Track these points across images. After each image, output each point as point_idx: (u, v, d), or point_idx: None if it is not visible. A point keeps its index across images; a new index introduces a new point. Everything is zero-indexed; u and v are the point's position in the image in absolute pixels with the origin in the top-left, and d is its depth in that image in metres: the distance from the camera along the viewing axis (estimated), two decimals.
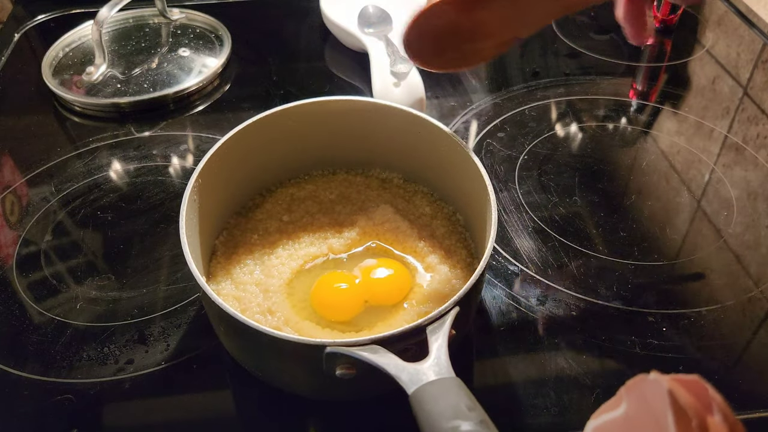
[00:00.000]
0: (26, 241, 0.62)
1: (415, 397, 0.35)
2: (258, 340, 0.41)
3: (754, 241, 0.61)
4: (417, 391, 0.35)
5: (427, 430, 0.33)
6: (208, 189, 0.50)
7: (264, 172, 0.59)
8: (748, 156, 0.71)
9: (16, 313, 0.55)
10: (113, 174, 0.70)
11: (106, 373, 0.50)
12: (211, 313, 0.47)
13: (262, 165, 0.58)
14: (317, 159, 0.61)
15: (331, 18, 0.86)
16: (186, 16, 0.93)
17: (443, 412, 0.33)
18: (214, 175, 0.51)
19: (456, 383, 0.36)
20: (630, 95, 0.82)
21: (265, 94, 0.82)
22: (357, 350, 0.38)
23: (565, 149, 0.73)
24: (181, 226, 0.45)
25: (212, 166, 0.51)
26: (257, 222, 0.57)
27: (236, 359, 0.49)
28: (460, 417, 0.32)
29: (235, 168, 0.54)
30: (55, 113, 0.80)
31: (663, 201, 0.66)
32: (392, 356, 0.37)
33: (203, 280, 0.43)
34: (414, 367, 0.37)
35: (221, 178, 0.53)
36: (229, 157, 0.53)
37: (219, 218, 0.56)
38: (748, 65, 0.84)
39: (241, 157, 0.54)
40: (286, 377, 0.47)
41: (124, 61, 0.85)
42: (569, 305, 0.55)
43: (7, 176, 0.70)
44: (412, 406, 0.35)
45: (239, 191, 0.58)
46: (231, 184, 0.55)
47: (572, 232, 0.62)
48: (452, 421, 0.32)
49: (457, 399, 0.34)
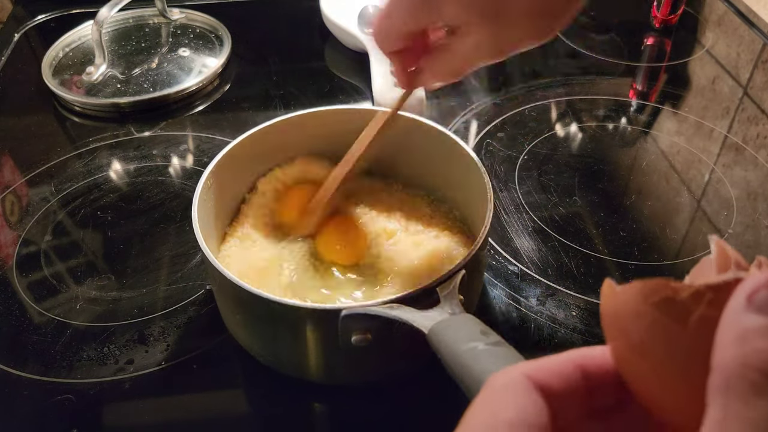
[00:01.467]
0: (26, 241, 0.62)
1: (432, 332, 0.36)
2: (274, 313, 0.43)
3: (754, 241, 0.61)
4: (433, 327, 0.37)
5: (447, 357, 0.34)
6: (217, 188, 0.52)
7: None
8: (748, 156, 0.71)
9: (16, 313, 0.55)
10: (113, 174, 0.70)
11: (106, 373, 0.50)
12: (224, 297, 0.48)
13: (264, 171, 0.59)
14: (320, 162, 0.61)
15: (331, 18, 0.86)
16: (186, 16, 0.93)
17: (460, 339, 0.34)
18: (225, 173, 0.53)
19: (469, 317, 0.37)
20: (630, 95, 0.82)
21: (265, 94, 0.82)
22: (372, 308, 0.39)
23: (565, 149, 0.73)
24: (193, 210, 0.47)
25: (223, 166, 0.52)
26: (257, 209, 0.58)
27: (246, 347, 0.49)
28: (475, 340, 0.33)
29: (241, 172, 0.56)
30: (55, 113, 0.80)
31: (663, 201, 0.66)
32: (407, 308, 0.39)
33: (217, 263, 0.44)
34: (428, 312, 0.39)
35: (230, 178, 0.54)
36: (238, 159, 0.54)
37: (230, 209, 0.57)
38: (748, 65, 0.84)
39: (247, 160, 0.55)
40: (297, 357, 0.47)
41: (124, 61, 0.85)
42: (569, 305, 0.55)
43: (7, 176, 0.70)
44: (430, 341, 0.36)
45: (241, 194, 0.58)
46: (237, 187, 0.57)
47: (572, 232, 0.62)
48: (469, 343, 0.33)
49: (471, 327, 0.35)
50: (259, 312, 0.44)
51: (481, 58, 0.40)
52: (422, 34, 0.41)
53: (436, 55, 0.42)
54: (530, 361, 0.22)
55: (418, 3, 0.38)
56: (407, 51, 0.42)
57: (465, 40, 0.38)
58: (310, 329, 0.44)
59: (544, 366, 0.21)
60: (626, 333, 0.20)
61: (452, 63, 0.41)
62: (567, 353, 0.22)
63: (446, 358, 0.34)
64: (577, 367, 0.22)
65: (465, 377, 0.32)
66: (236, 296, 0.44)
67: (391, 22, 0.40)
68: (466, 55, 0.39)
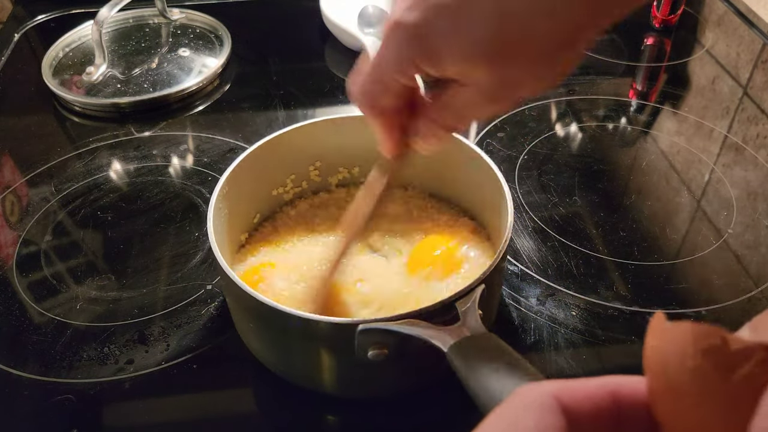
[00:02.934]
0: (26, 241, 0.62)
1: (451, 350, 0.36)
2: (289, 326, 0.42)
3: (754, 241, 0.61)
4: (453, 345, 0.36)
5: (466, 376, 0.34)
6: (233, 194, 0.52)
7: (281, 185, 0.59)
8: (748, 156, 0.71)
9: (16, 313, 0.55)
10: (113, 174, 0.70)
11: (106, 373, 0.50)
12: (237, 306, 0.47)
13: (279, 180, 0.59)
14: (336, 171, 0.61)
15: (331, 18, 0.86)
16: (186, 16, 0.93)
17: (481, 358, 0.34)
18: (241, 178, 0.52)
19: (489, 335, 0.37)
20: (630, 95, 0.82)
21: (265, 94, 0.82)
22: (390, 324, 0.39)
23: (565, 149, 0.73)
24: (209, 218, 0.47)
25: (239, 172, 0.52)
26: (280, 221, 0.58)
27: (258, 356, 0.49)
28: (496, 359, 0.33)
29: (258, 177, 0.55)
30: (55, 113, 0.80)
31: (663, 201, 0.66)
32: (425, 324, 0.39)
33: (233, 273, 0.43)
34: (447, 328, 0.38)
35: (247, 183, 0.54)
36: (254, 166, 0.54)
37: (245, 216, 0.56)
38: (748, 65, 0.84)
39: (262, 169, 0.55)
40: (310, 369, 0.47)
41: (124, 61, 0.85)
42: (569, 305, 0.55)
43: (7, 176, 0.70)
44: (449, 359, 0.36)
45: (260, 201, 0.58)
46: (254, 191, 0.56)
47: (572, 232, 0.62)
48: (490, 363, 0.33)
49: (492, 346, 0.35)
50: (271, 323, 0.44)
51: (484, 109, 0.35)
52: (411, 90, 0.36)
53: (427, 113, 0.36)
54: (561, 381, 0.21)
55: (411, 52, 0.32)
56: (393, 111, 0.37)
57: (463, 91, 0.33)
58: (325, 343, 0.43)
59: (576, 388, 0.21)
60: (667, 371, 0.20)
61: (448, 119, 0.36)
62: (602, 378, 0.22)
63: (465, 376, 0.34)
64: (609, 394, 0.21)
65: (484, 397, 0.31)
66: (249, 306, 0.44)
67: (378, 76, 0.34)
68: (465, 107, 0.34)
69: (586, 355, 0.51)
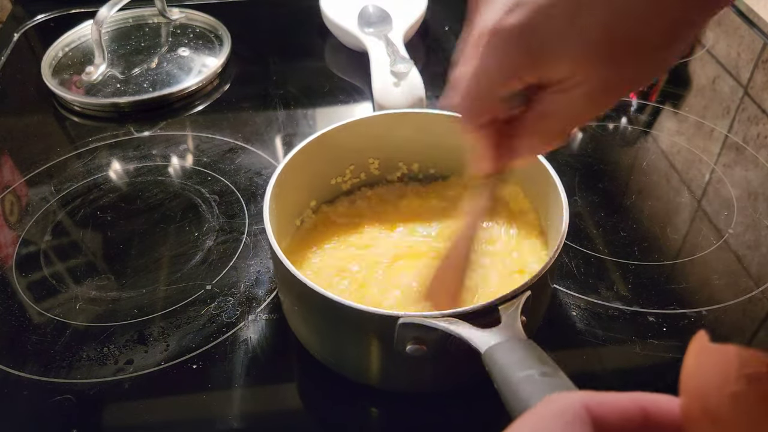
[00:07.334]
0: (26, 241, 0.62)
1: (487, 354, 0.36)
2: (333, 313, 0.42)
3: (755, 241, 0.61)
4: (489, 348, 0.36)
5: (500, 382, 0.33)
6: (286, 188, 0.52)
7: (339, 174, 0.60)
8: (749, 156, 0.71)
9: (16, 313, 0.55)
10: (113, 174, 0.70)
11: (105, 374, 0.50)
12: (290, 294, 0.47)
13: (332, 173, 0.59)
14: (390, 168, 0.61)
15: (331, 18, 0.86)
16: (186, 16, 0.93)
17: (516, 364, 0.33)
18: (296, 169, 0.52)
19: (528, 342, 0.36)
20: (630, 95, 0.82)
21: (264, 94, 0.82)
22: (430, 320, 0.39)
23: (565, 149, 0.73)
24: (265, 202, 0.47)
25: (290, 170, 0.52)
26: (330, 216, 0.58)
27: (306, 344, 0.50)
28: (531, 367, 0.32)
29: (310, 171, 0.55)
30: (54, 113, 0.80)
31: (663, 201, 0.66)
32: (465, 324, 0.39)
33: (288, 261, 0.43)
34: (487, 330, 0.38)
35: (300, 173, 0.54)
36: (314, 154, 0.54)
37: (298, 205, 0.57)
38: (749, 65, 0.84)
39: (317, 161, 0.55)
40: (354, 359, 0.47)
41: (124, 61, 0.85)
42: (569, 305, 0.55)
43: (7, 176, 0.70)
44: (485, 363, 0.35)
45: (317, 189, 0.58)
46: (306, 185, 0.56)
47: (572, 232, 0.62)
48: (525, 370, 0.32)
49: (529, 353, 0.34)
50: (324, 312, 0.44)
51: (588, 113, 0.33)
52: (509, 102, 0.34)
53: (525, 125, 0.34)
54: (592, 393, 0.21)
55: (517, 57, 0.30)
56: (494, 126, 0.35)
57: (562, 98, 0.31)
58: (368, 333, 0.44)
59: (606, 400, 0.21)
60: (704, 394, 0.19)
61: (551, 128, 0.34)
62: (634, 394, 0.21)
63: (499, 381, 0.33)
64: (640, 410, 0.21)
65: (515, 404, 0.31)
66: (300, 293, 0.44)
67: (482, 84, 0.32)
68: (568, 112, 0.32)
69: (586, 355, 0.51)
